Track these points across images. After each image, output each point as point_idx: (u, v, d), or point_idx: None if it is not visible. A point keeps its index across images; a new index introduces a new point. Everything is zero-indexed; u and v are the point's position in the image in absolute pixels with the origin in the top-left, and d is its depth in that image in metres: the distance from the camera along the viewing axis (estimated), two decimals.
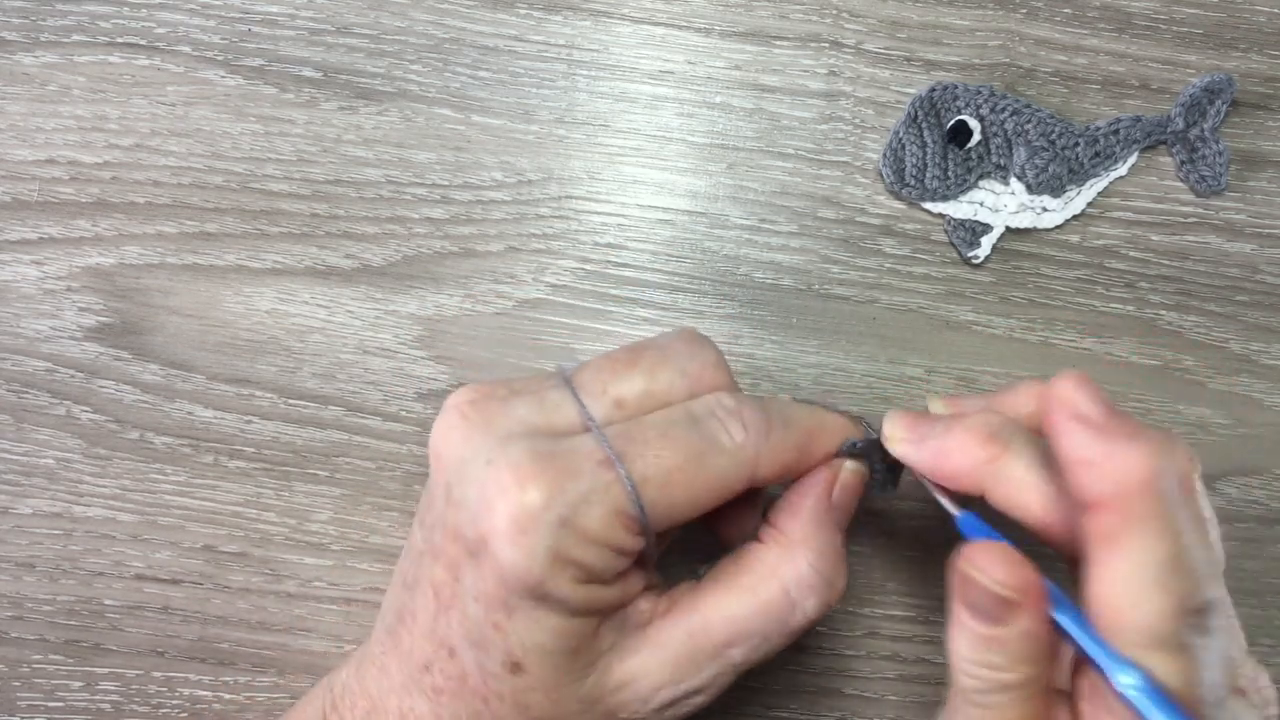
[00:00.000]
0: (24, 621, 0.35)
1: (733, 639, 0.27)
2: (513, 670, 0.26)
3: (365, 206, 0.36)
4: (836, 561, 0.28)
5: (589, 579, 0.25)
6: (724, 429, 0.26)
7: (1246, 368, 0.37)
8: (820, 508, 0.28)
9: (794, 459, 0.28)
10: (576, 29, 0.37)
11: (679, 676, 0.27)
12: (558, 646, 0.26)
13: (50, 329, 0.36)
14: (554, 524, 0.24)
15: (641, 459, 0.25)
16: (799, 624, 0.27)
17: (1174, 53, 0.38)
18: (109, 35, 0.37)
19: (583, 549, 0.25)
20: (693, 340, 0.29)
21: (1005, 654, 0.25)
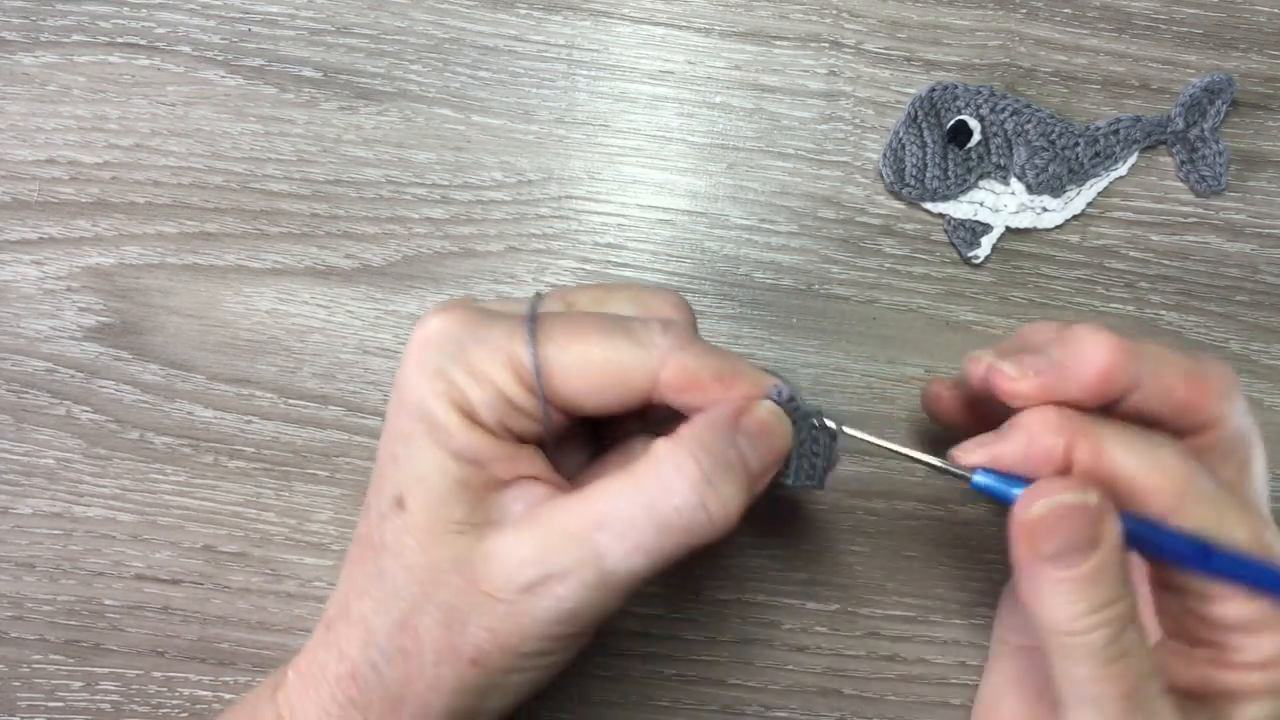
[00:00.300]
0: (24, 621, 0.35)
1: (599, 519, 0.25)
2: (397, 506, 0.26)
3: (365, 206, 0.36)
4: (721, 463, 0.25)
5: (473, 418, 0.26)
6: (643, 326, 0.27)
7: (1246, 368, 0.37)
8: (721, 418, 0.26)
9: (703, 380, 0.26)
10: (576, 29, 0.37)
11: (542, 554, 0.25)
12: (438, 484, 0.26)
13: (50, 329, 0.36)
14: (448, 347, 0.26)
15: (555, 329, 0.26)
16: (670, 518, 0.25)
17: (1174, 53, 0.38)
18: (109, 35, 0.37)
19: (469, 380, 0.26)
20: (665, 290, 0.29)
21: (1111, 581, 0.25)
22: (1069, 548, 0.24)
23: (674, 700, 0.35)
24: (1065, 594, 0.24)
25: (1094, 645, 0.25)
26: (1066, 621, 0.25)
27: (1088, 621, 0.24)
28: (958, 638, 0.36)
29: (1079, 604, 0.24)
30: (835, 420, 0.28)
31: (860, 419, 0.36)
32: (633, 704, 0.35)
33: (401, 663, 0.26)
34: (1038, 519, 0.25)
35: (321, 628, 0.28)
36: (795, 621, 0.36)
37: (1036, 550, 0.25)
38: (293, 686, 0.28)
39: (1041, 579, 0.25)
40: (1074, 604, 0.24)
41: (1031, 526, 0.25)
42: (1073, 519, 0.24)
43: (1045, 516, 0.25)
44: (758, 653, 0.35)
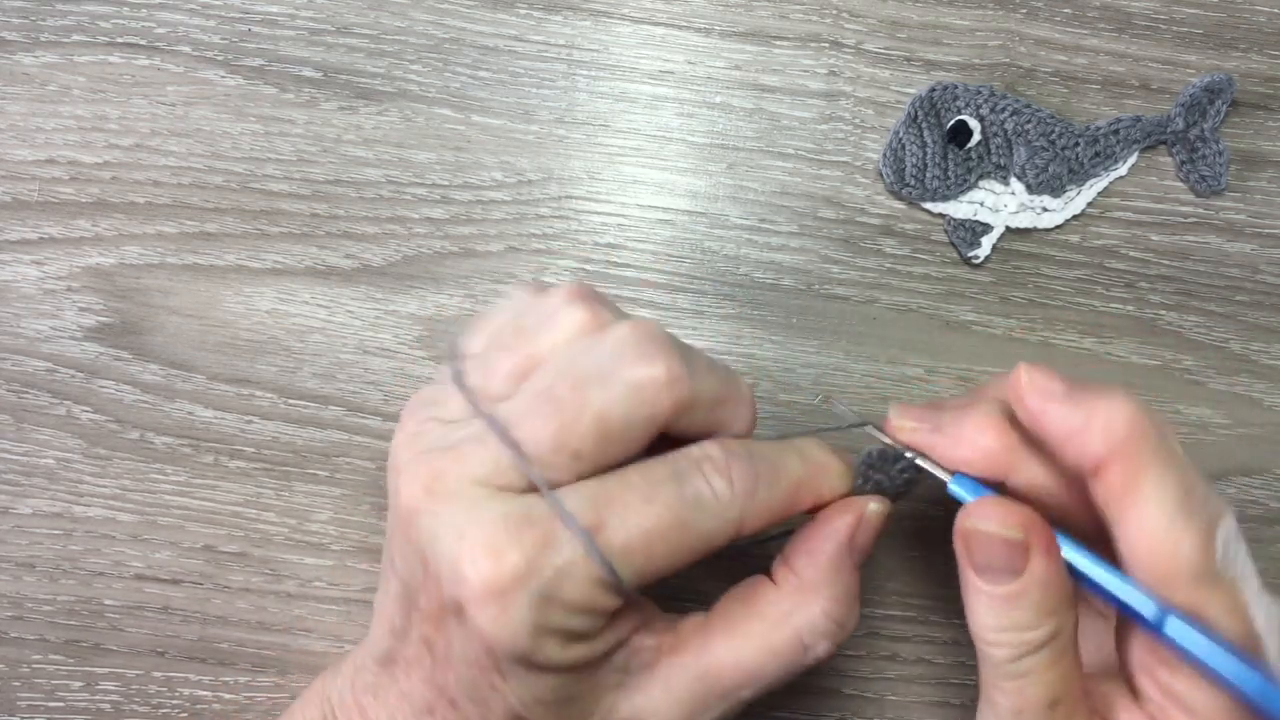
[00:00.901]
0: (24, 621, 0.35)
1: (744, 683, 0.27)
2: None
3: (365, 206, 0.36)
4: (851, 605, 0.27)
5: (574, 640, 0.25)
6: (709, 486, 0.25)
7: (1246, 368, 0.37)
8: (840, 553, 0.27)
9: (781, 511, 0.27)
10: (576, 29, 0.37)
11: (687, 715, 0.27)
12: (556, 698, 0.25)
13: (50, 329, 0.36)
14: (533, 596, 0.23)
15: (622, 525, 0.24)
16: (809, 665, 0.27)
17: (1174, 53, 0.38)
18: (109, 35, 0.37)
19: (564, 617, 0.24)
20: (639, 345, 0.25)
21: (1028, 608, 0.25)
22: (992, 568, 0.25)
23: None
24: (983, 604, 0.25)
25: (996, 658, 0.25)
26: (979, 628, 0.26)
27: (996, 636, 0.25)
28: (958, 638, 0.36)
29: (991, 618, 0.25)
30: (876, 429, 0.30)
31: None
32: None
33: None
34: (971, 534, 0.26)
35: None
36: None
37: (969, 559, 0.26)
38: None
39: (968, 583, 0.26)
40: (988, 616, 0.25)
41: (965, 535, 0.26)
42: (1002, 547, 0.25)
43: (978, 534, 0.25)
44: None
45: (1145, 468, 0.24)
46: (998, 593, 0.25)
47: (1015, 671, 0.25)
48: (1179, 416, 0.37)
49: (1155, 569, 0.24)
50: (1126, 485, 0.24)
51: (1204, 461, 0.37)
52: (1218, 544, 0.24)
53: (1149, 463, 0.24)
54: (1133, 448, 0.24)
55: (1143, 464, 0.24)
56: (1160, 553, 0.24)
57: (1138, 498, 0.24)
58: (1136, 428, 0.24)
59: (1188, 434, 0.37)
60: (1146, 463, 0.24)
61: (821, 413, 0.36)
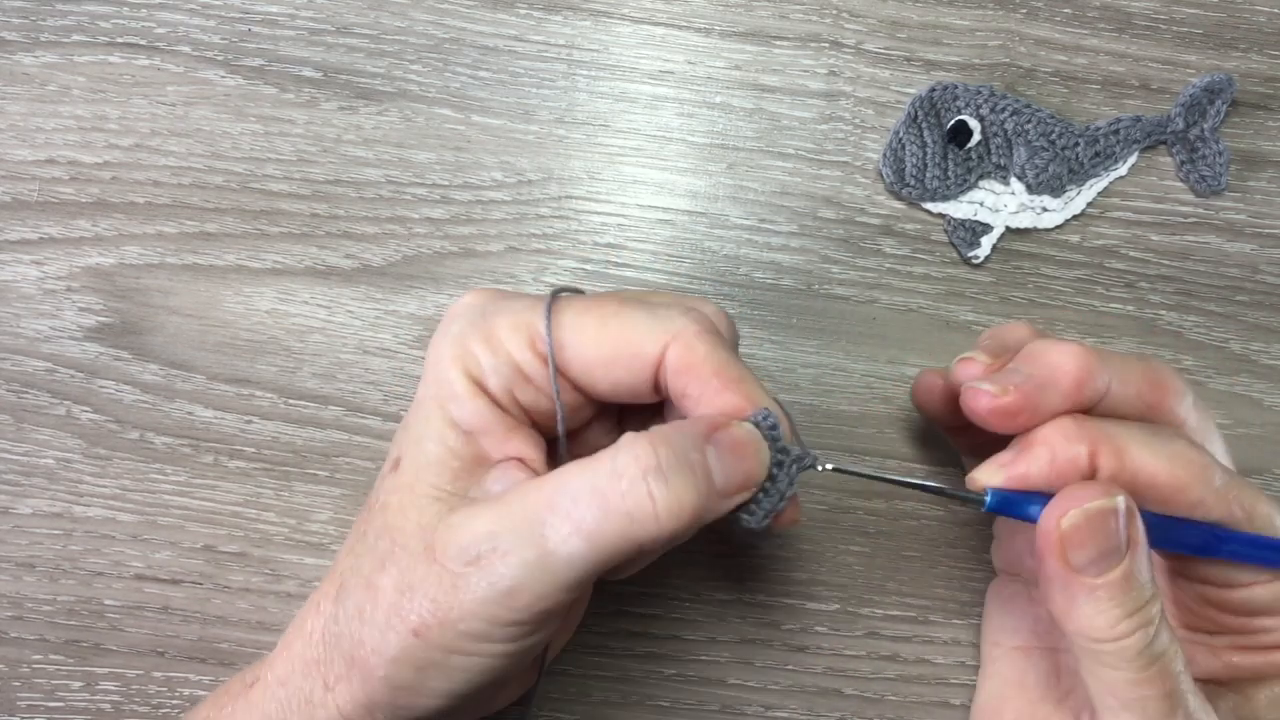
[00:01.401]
0: (24, 621, 0.35)
1: (550, 501, 0.24)
2: (394, 466, 0.27)
3: (365, 206, 0.36)
4: (682, 466, 0.24)
5: (480, 384, 0.27)
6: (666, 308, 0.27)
7: (1246, 368, 0.37)
8: (695, 423, 0.25)
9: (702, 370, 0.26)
10: (576, 29, 0.37)
11: (494, 529, 0.25)
12: (431, 448, 0.27)
13: (50, 329, 0.36)
14: (471, 315, 0.27)
15: (575, 301, 0.27)
16: (614, 502, 0.24)
17: (1174, 53, 0.38)
18: (109, 35, 0.37)
19: (483, 348, 0.27)
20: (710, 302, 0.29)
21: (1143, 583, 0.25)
22: (1102, 554, 0.24)
23: (674, 700, 0.35)
24: (1101, 602, 0.25)
25: (1132, 650, 0.25)
26: (1104, 629, 0.25)
27: (1125, 626, 0.24)
28: (958, 638, 0.36)
29: (1115, 610, 0.24)
30: (828, 461, 0.27)
31: (860, 419, 0.36)
32: (633, 704, 0.35)
33: (358, 623, 0.26)
34: (1071, 529, 0.25)
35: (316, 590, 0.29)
36: (795, 621, 0.36)
37: (1070, 561, 0.25)
38: (278, 648, 0.28)
39: (1076, 589, 0.25)
40: (1110, 611, 0.24)
41: (1065, 538, 0.25)
42: (1106, 525, 0.25)
43: (1078, 525, 0.25)
44: (758, 653, 0.35)
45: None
46: (1114, 578, 0.24)
47: (1155, 653, 0.25)
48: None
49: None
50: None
51: None
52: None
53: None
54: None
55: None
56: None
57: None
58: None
59: None
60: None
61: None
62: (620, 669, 0.35)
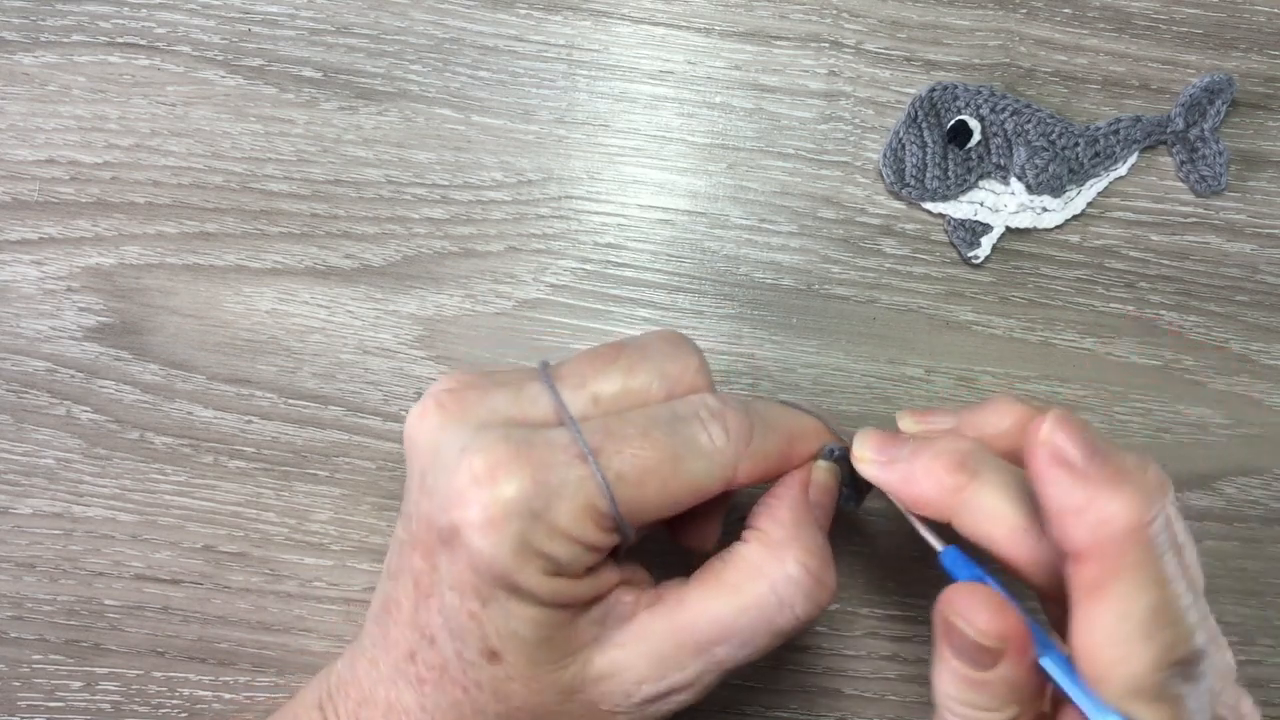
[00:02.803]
0: (24, 621, 0.35)
1: (718, 638, 0.27)
2: (490, 659, 0.26)
3: (365, 206, 0.36)
4: (823, 559, 0.27)
5: (558, 572, 0.25)
6: (705, 430, 0.26)
7: (1246, 368, 0.37)
8: (800, 507, 0.28)
9: (774, 464, 0.28)
10: (576, 29, 0.37)
11: (662, 672, 0.26)
12: (533, 636, 0.25)
13: (50, 329, 0.36)
14: (525, 515, 0.24)
15: (619, 455, 0.25)
16: (788, 625, 0.27)
17: (1174, 53, 0.38)
18: (109, 35, 0.37)
19: (552, 542, 0.25)
20: (675, 342, 0.28)
21: (990, 696, 0.25)
22: (964, 655, 0.25)
23: None
24: (948, 676, 0.25)
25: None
26: (940, 695, 0.26)
27: (956, 708, 0.25)
28: None
29: (954, 690, 0.25)
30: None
31: (860, 419, 0.36)
32: None
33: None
34: (948, 619, 0.25)
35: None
36: None
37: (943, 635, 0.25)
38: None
39: (938, 651, 0.26)
40: (951, 687, 0.25)
41: (943, 618, 0.25)
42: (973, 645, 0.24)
43: (954, 625, 0.25)
44: None
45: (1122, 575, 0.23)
46: (964, 674, 0.25)
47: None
48: (1179, 417, 0.37)
49: (1098, 670, 0.23)
50: (1097, 585, 0.23)
51: (1204, 461, 0.37)
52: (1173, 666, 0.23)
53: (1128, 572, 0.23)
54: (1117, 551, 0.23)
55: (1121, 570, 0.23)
56: (1106, 659, 0.23)
57: (1103, 601, 0.23)
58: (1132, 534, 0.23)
59: (1188, 434, 0.37)
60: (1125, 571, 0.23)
61: None
62: None
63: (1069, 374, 0.37)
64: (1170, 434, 0.37)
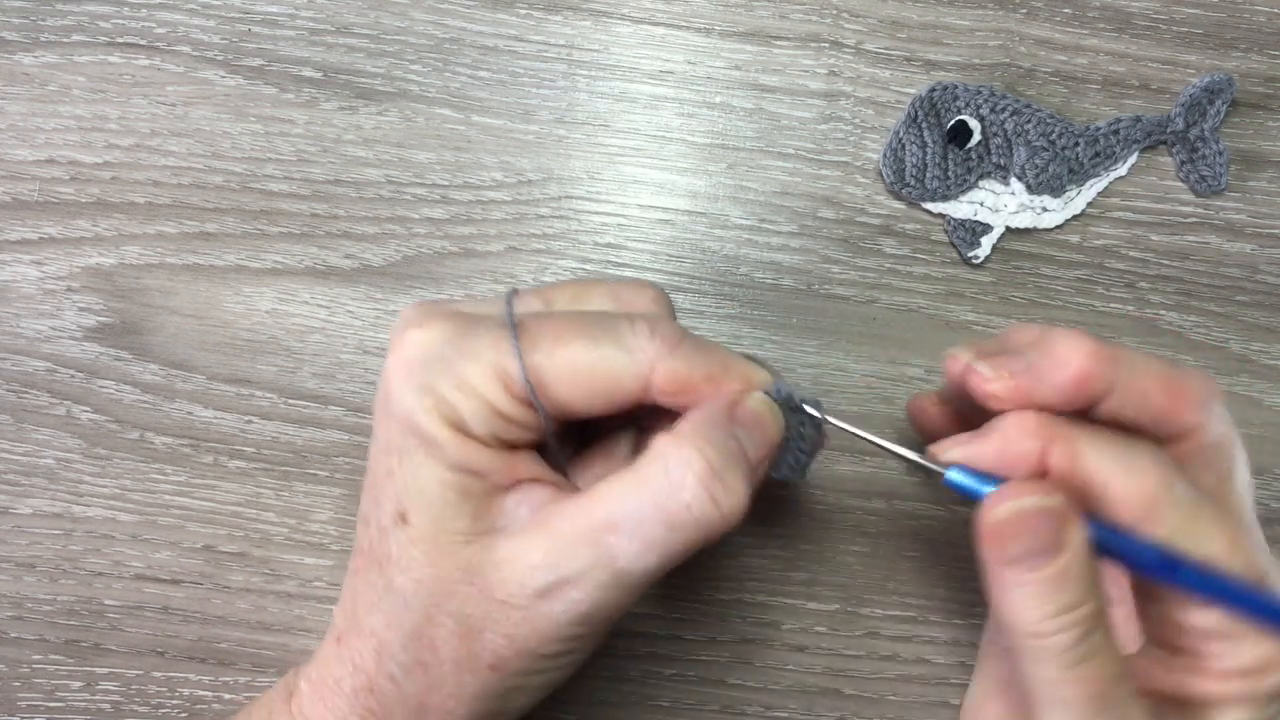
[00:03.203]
0: (24, 621, 0.35)
1: (610, 520, 0.25)
2: (399, 521, 0.26)
3: (365, 206, 0.36)
4: (727, 457, 0.25)
5: (463, 430, 0.26)
6: (631, 330, 0.26)
7: (1246, 368, 0.37)
8: (718, 411, 0.26)
9: (696, 385, 0.26)
10: (576, 29, 0.37)
11: (554, 558, 0.25)
12: (438, 496, 0.26)
13: (50, 329, 0.36)
14: (434, 361, 0.26)
15: (540, 335, 0.26)
16: (679, 515, 0.25)
17: (1174, 53, 0.38)
18: (109, 35, 0.37)
19: (458, 395, 0.25)
20: (640, 281, 0.29)
21: (1078, 583, 0.24)
22: (1034, 551, 0.24)
23: (674, 700, 0.35)
24: (1030, 596, 0.25)
25: (1059, 647, 0.25)
26: (1032, 624, 0.25)
27: (1053, 624, 0.25)
28: (958, 638, 0.36)
29: (1044, 606, 0.25)
30: (817, 408, 0.28)
31: (860, 419, 0.36)
32: (633, 704, 0.35)
33: (421, 674, 0.26)
34: (1003, 521, 0.25)
35: (331, 640, 0.28)
36: (795, 621, 0.36)
37: (1003, 553, 0.25)
38: (307, 698, 0.28)
39: (1007, 581, 0.25)
40: (1039, 606, 0.25)
41: (997, 529, 0.25)
42: (1037, 522, 0.25)
43: (1010, 519, 0.25)
44: (758, 653, 0.35)
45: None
46: (1045, 576, 0.24)
47: (1083, 654, 0.25)
48: None
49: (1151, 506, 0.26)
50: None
51: None
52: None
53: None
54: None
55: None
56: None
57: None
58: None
59: None
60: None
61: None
62: (619, 669, 0.35)
63: None
64: None
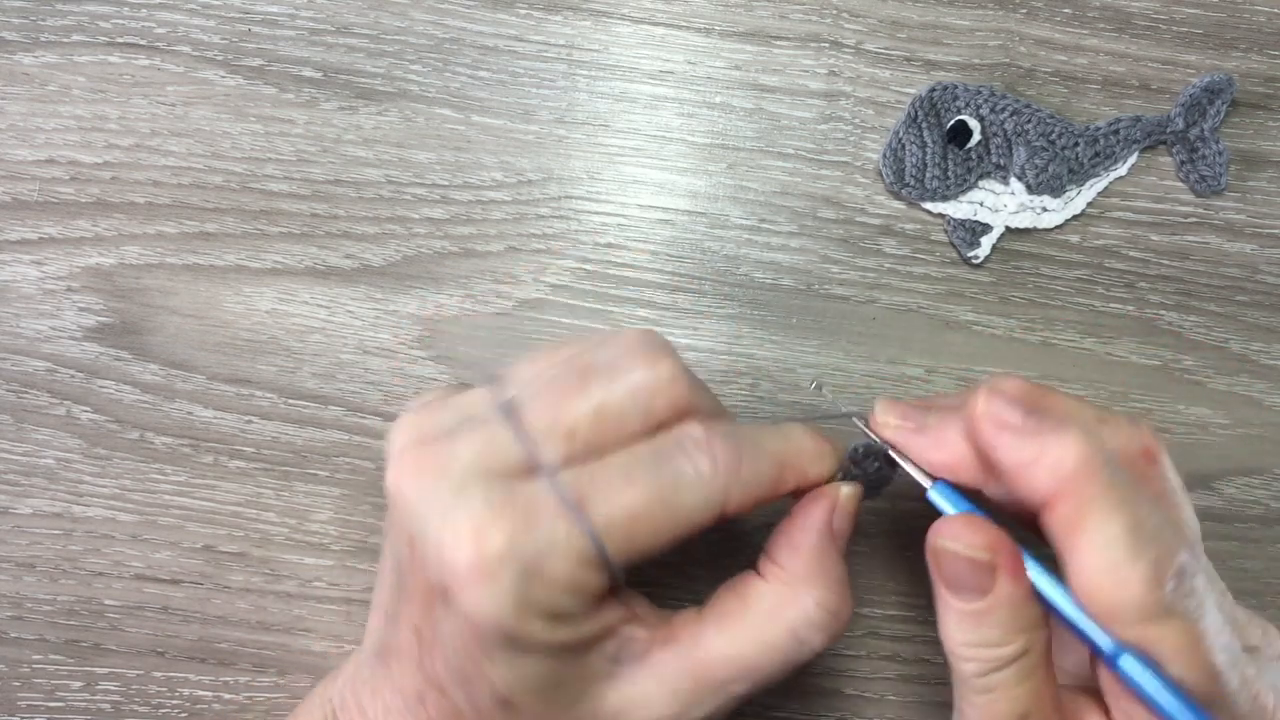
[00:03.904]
0: (24, 621, 0.35)
1: (735, 677, 0.27)
2: (503, 707, 0.25)
3: (365, 206, 0.36)
4: (842, 594, 0.27)
5: (560, 621, 0.25)
6: (691, 464, 0.25)
7: (1246, 368, 0.37)
8: (822, 541, 0.28)
9: (766, 491, 0.27)
10: (576, 29, 0.37)
11: (679, 709, 0.26)
12: (543, 682, 0.25)
13: (50, 329, 0.36)
14: (516, 574, 0.24)
15: (605, 503, 0.24)
16: (804, 659, 0.27)
17: (1174, 53, 0.38)
18: (109, 35, 0.37)
19: (548, 595, 0.24)
20: (643, 347, 0.26)
21: (996, 626, 0.25)
22: (960, 584, 0.25)
23: None
24: (953, 618, 0.26)
25: (965, 673, 0.26)
26: (949, 641, 0.26)
27: (965, 650, 0.26)
28: None
29: (960, 633, 0.26)
30: (870, 446, 0.29)
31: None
32: None
33: None
34: (939, 549, 0.26)
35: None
36: None
37: (938, 572, 0.26)
38: None
39: (939, 596, 0.26)
40: (957, 630, 0.26)
41: (933, 552, 0.26)
42: (969, 566, 0.25)
43: (946, 552, 0.26)
44: None
45: (1091, 505, 0.24)
46: (966, 609, 0.25)
47: (983, 686, 0.25)
48: (1179, 416, 0.37)
49: (1103, 605, 0.24)
50: (1073, 522, 0.24)
51: (1204, 461, 0.37)
52: (1168, 581, 0.23)
53: (1095, 501, 0.24)
54: (1079, 485, 0.24)
55: (1088, 501, 0.24)
56: (1106, 590, 0.24)
57: (1083, 535, 0.24)
58: (1085, 465, 0.24)
59: (1187, 434, 0.37)
60: (1092, 500, 0.24)
61: (819, 401, 0.36)
62: None
63: (1069, 374, 0.37)
64: (1170, 434, 0.37)
